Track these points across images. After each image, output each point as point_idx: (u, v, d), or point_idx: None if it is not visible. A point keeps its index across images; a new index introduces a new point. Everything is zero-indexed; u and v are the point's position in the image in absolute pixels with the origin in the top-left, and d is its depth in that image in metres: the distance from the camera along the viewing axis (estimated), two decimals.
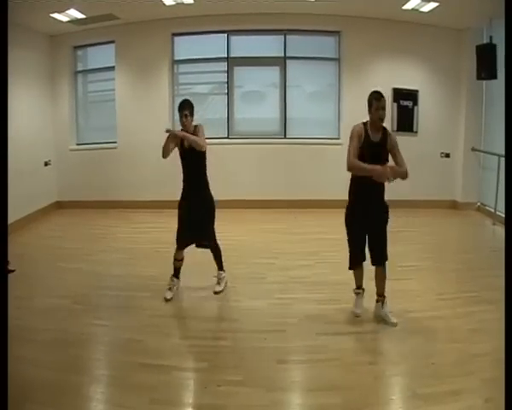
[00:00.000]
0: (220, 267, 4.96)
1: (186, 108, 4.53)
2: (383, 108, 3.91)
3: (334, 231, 4.24)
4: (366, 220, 4.05)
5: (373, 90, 4.03)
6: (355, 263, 4.25)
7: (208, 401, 3.16)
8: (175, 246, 4.75)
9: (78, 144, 8.94)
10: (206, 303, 4.63)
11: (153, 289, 4.99)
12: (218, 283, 4.91)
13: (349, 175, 4.03)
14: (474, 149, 8.29)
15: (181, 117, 4.54)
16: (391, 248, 4.14)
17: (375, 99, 3.91)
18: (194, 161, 4.58)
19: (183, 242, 4.74)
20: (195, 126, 4.59)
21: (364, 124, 4.00)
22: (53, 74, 8.63)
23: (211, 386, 3.31)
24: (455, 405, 2.99)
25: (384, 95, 3.95)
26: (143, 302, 4.68)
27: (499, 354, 3.29)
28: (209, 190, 4.70)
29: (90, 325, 4.22)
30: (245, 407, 3.06)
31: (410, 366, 3.52)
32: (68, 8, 6.86)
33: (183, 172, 4.66)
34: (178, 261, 4.81)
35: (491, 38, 7.20)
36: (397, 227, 4.27)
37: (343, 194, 4.19)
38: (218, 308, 4.63)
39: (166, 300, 4.67)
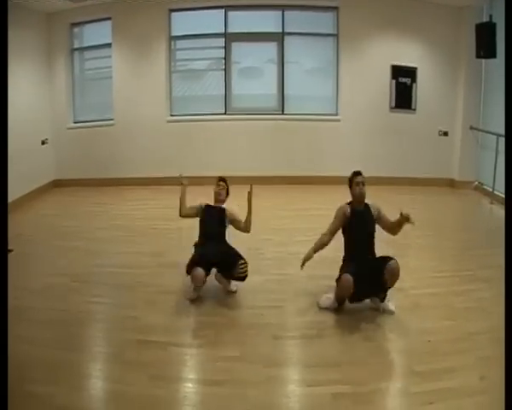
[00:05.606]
0: None
1: (223, 180, 4.55)
2: (363, 184, 4.08)
3: (331, 207, 4.20)
4: None
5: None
6: None
7: (206, 377, 3.20)
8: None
9: (75, 122, 8.87)
10: None
11: (150, 265, 5.01)
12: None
13: (347, 151, 4.04)
14: (472, 128, 8.25)
15: (217, 185, 4.55)
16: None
17: (354, 175, 4.14)
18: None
19: None
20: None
21: (349, 203, 4.16)
22: (49, 52, 8.53)
23: (209, 362, 3.35)
24: (451, 382, 3.02)
25: (361, 174, 4.11)
26: (141, 279, 4.69)
27: (495, 332, 3.34)
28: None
29: (88, 303, 4.24)
30: (242, 382, 3.09)
31: (406, 343, 3.55)
32: None
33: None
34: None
35: (490, 16, 7.11)
36: (393, 204, 4.25)
37: (341, 170, 4.19)
38: (214, 284, 4.63)
39: None
